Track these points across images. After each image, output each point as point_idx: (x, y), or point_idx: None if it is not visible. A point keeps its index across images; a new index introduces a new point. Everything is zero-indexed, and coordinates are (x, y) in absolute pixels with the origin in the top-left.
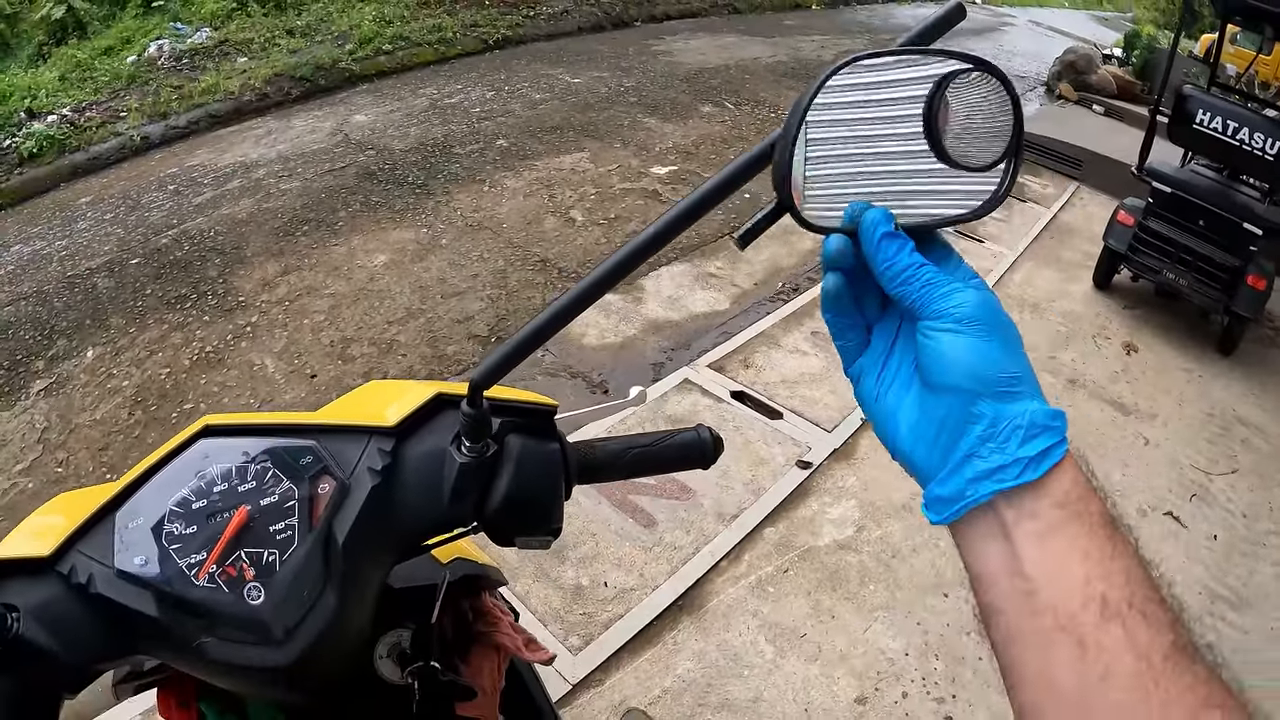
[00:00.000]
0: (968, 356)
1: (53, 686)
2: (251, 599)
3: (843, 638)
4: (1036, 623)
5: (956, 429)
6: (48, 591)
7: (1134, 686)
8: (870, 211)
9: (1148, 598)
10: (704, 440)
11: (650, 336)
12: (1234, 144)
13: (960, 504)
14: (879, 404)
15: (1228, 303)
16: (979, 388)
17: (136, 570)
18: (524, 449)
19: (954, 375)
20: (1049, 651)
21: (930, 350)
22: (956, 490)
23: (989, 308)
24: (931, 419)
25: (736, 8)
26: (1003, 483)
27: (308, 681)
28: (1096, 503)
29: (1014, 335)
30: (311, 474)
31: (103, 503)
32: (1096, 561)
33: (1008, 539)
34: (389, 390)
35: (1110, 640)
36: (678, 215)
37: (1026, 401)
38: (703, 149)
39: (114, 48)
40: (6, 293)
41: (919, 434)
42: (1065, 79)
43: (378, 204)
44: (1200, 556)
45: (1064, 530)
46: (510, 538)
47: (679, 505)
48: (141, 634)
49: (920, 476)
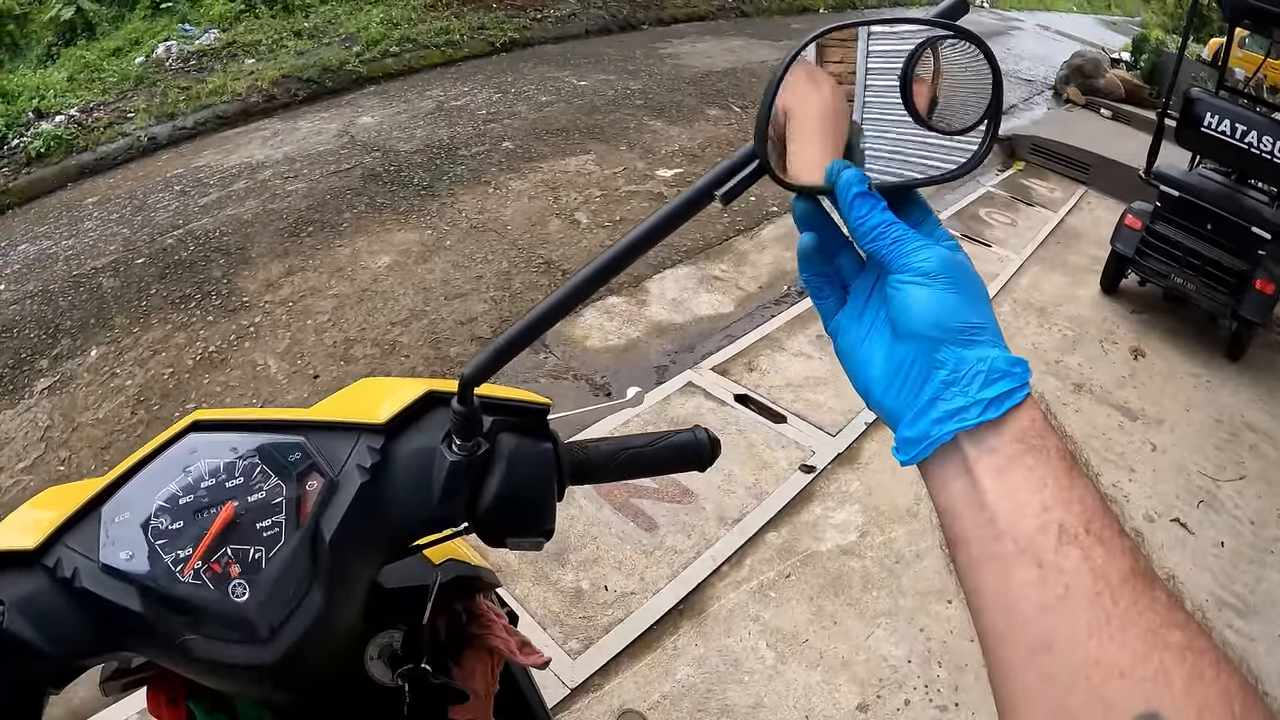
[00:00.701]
0: (931, 306)
1: (37, 680)
2: (236, 596)
3: (845, 644)
4: (996, 548)
5: (922, 374)
6: (33, 585)
7: (1092, 605)
8: (845, 172)
9: (1105, 525)
10: (700, 442)
11: (654, 339)
12: (1242, 147)
13: (925, 443)
14: (854, 355)
15: (1236, 307)
16: (942, 335)
17: (122, 565)
18: (516, 448)
19: (919, 323)
20: (1008, 574)
21: (897, 301)
22: (922, 431)
23: (954, 264)
24: (900, 367)
25: (743, 11)
26: (964, 422)
27: (294, 681)
28: (1054, 439)
29: (979, 290)
30: (300, 471)
31: (90, 496)
32: (1053, 492)
33: (970, 473)
34: (381, 388)
35: (1068, 563)
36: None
37: (988, 348)
38: (709, 152)
39: (122, 49)
40: (12, 292)
41: (889, 381)
42: (1073, 83)
43: (382, 205)
44: (1207, 564)
45: (1022, 462)
46: (501, 538)
47: (680, 509)
48: (126, 630)
49: (891, 421)
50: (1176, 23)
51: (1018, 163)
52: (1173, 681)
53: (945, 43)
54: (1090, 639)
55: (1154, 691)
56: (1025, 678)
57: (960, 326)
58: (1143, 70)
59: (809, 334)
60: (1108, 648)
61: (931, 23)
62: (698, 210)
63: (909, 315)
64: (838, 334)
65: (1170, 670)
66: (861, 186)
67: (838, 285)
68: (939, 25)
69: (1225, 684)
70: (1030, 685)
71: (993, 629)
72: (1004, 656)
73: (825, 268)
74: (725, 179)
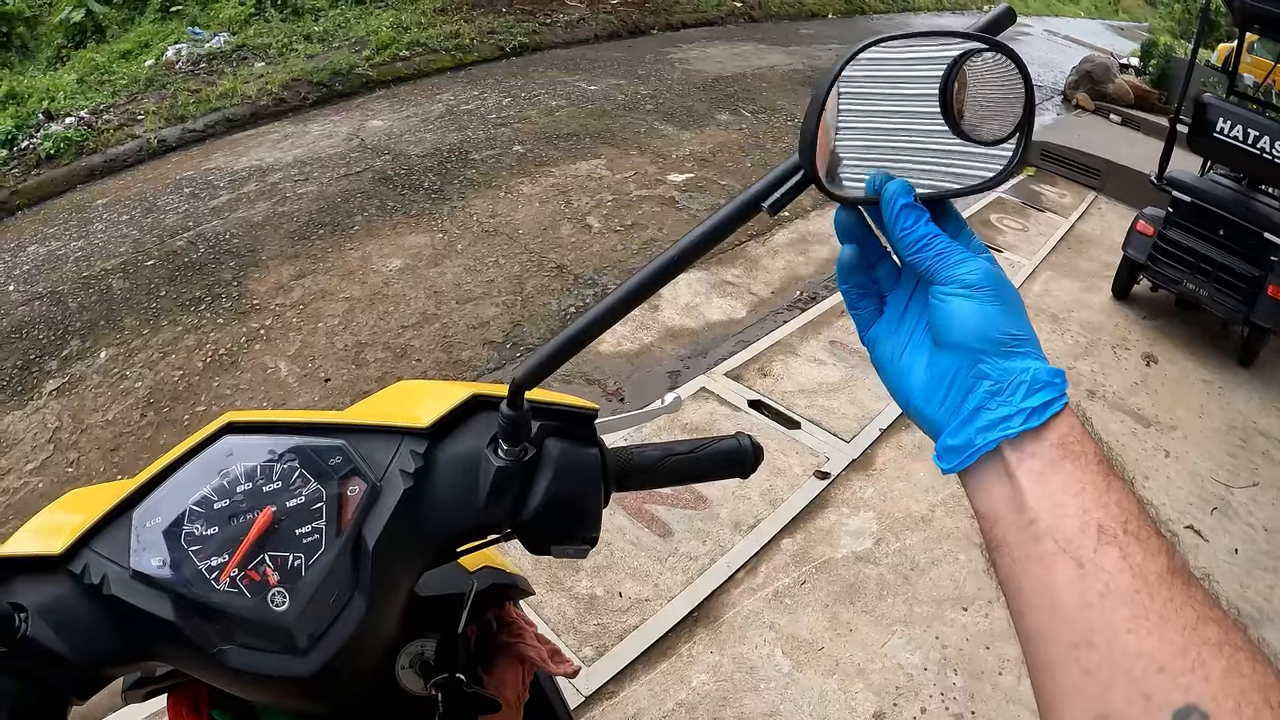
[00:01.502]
0: (975, 319)
1: (60, 690)
2: (275, 605)
3: (860, 651)
4: (1038, 549)
5: (965, 385)
6: (58, 591)
7: (1132, 602)
8: (891, 183)
9: (1141, 525)
10: (744, 449)
11: (667, 344)
12: (1254, 153)
13: (970, 451)
14: (893, 365)
15: (1248, 313)
16: (986, 346)
17: (153, 572)
18: (564, 453)
19: (963, 335)
20: (1050, 573)
21: (942, 312)
22: (966, 440)
23: (995, 277)
24: (942, 377)
25: (753, 16)
26: (1008, 430)
27: (329, 691)
28: (1092, 445)
29: (1018, 302)
30: (341, 475)
31: (119, 500)
32: (1092, 494)
33: (1011, 479)
34: (420, 390)
35: (1108, 561)
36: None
37: (1030, 360)
38: (720, 156)
39: (132, 51)
40: (22, 293)
41: (930, 391)
42: (1082, 88)
43: (393, 209)
44: (1221, 571)
45: (1061, 467)
46: (546, 545)
47: (695, 515)
48: (156, 639)
49: (932, 430)
50: (1185, 28)
51: (1028, 168)
52: (1211, 675)
53: (980, 55)
54: (1130, 634)
55: (1192, 685)
56: (1067, 673)
57: (1004, 338)
58: (1152, 76)
59: (822, 340)
60: (1146, 643)
61: (976, 37)
62: (747, 219)
63: (954, 326)
64: (874, 344)
65: (1208, 664)
66: (908, 198)
67: (875, 295)
68: (982, 40)
69: (1262, 677)
70: (1072, 681)
71: (1034, 627)
72: (1045, 653)
73: (864, 278)
74: (772, 189)
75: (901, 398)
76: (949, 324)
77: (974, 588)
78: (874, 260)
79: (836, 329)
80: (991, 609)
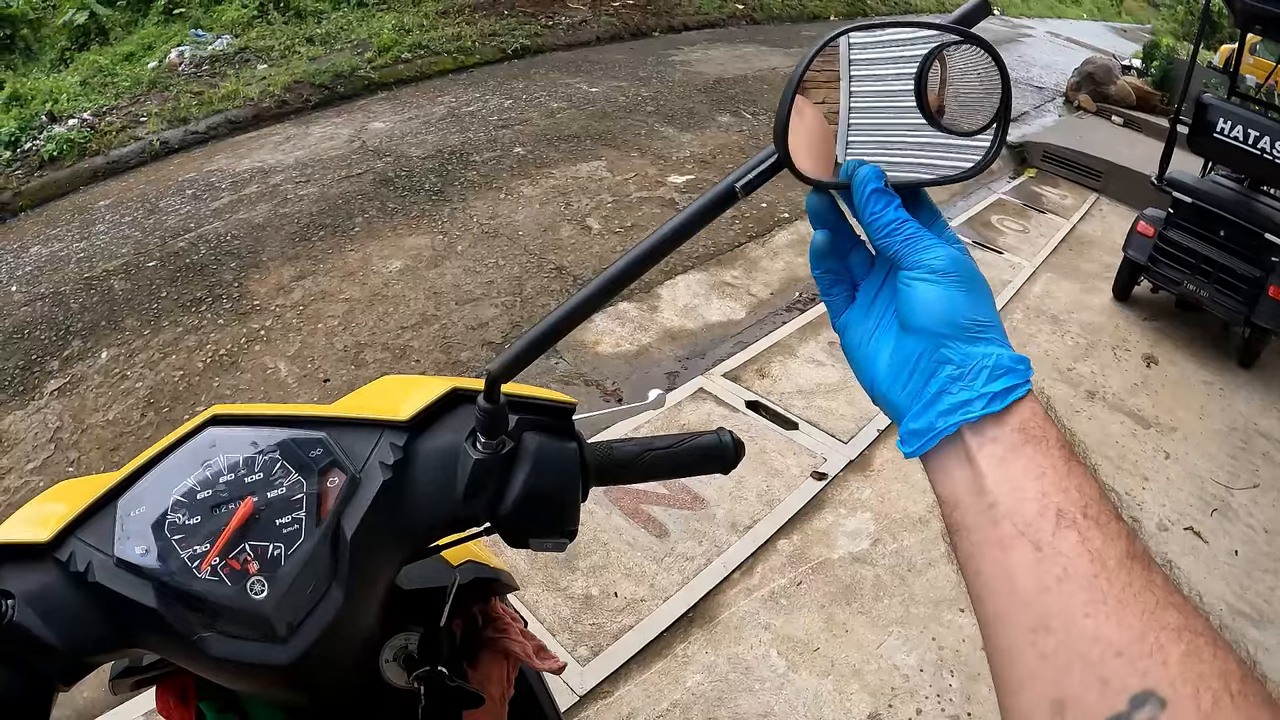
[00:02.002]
0: (940, 304)
1: (47, 676)
2: (255, 593)
3: (856, 652)
4: (997, 532)
5: (928, 369)
6: (45, 579)
7: (1090, 586)
8: (862, 168)
9: (1101, 510)
10: (725, 444)
11: (665, 345)
12: (1255, 153)
13: (930, 435)
14: (861, 350)
15: (1249, 314)
16: (949, 331)
17: (137, 560)
18: (541, 447)
19: (927, 319)
20: (1009, 556)
21: (907, 296)
22: (928, 424)
23: (963, 264)
24: (906, 361)
25: (755, 18)
26: (969, 414)
27: (310, 681)
28: (1054, 431)
29: (985, 289)
30: (321, 467)
31: (105, 490)
32: (1052, 479)
33: (971, 462)
34: (403, 385)
35: (1066, 545)
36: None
37: (994, 345)
38: (720, 158)
39: (135, 54)
40: (24, 293)
41: (894, 376)
42: (1084, 90)
43: (394, 210)
44: (1221, 572)
45: (1022, 451)
46: (524, 539)
47: (691, 515)
48: (140, 626)
49: (895, 415)
50: (1187, 30)
51: (1029, 169)
52: (1169, 660)
53: (957, 47)
54: (1087, 619)
55: (1150, 670)
56: (1024, 658)
57: (967, 324)
58: (1154, 77)
59: (820, 341)
60: (1104, 627)
61: (949, 28)
62: (724, 208)
63: (918, 311)
64: (845, 330)
65: (1166, 649)
66: (878, 183)
67: (847, 283)
68: (955, 31)
69: (1223, 664)
70: (1029, 665)
71: (992, 612)
72: (1003, 638)
73: (836, 265)
74: (746, 174)
75: (867, 382)
76: (914, 308)
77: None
78: (847, 248)
79: None
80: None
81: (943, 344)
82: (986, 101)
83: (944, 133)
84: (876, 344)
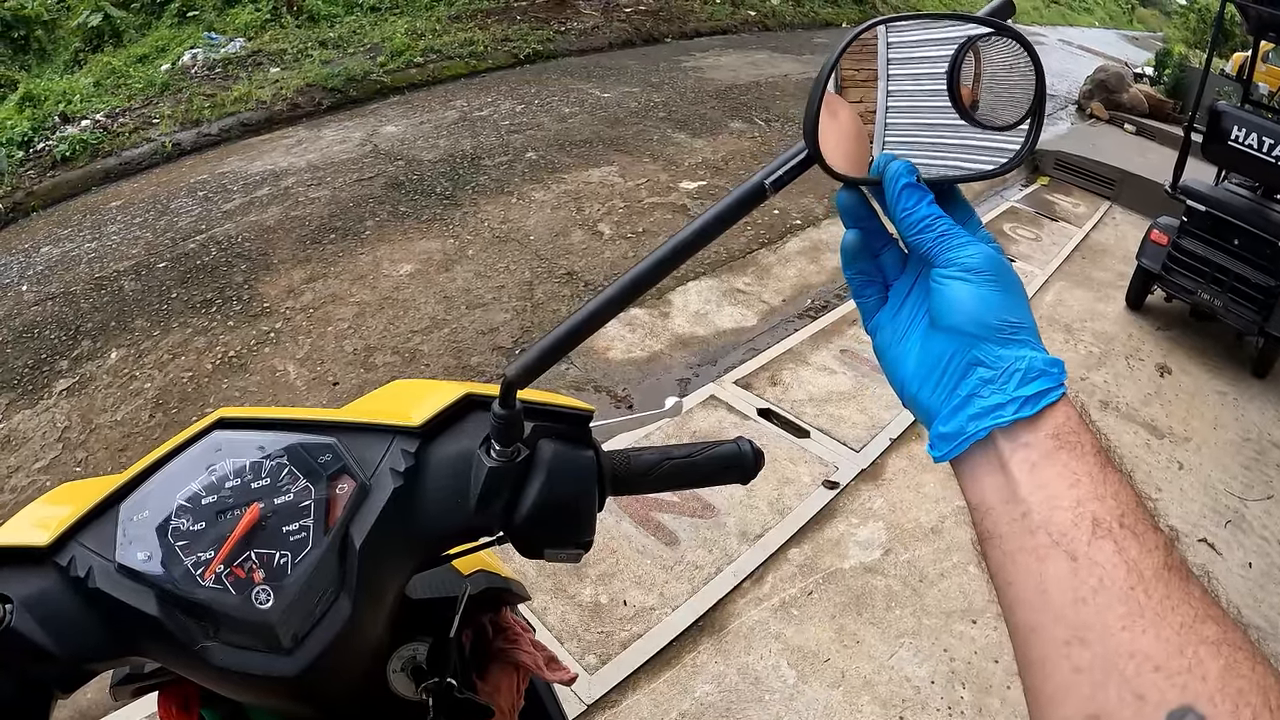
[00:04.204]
0: (973, 303)
1: (45, 684)
2: (260, 602)
3: (867, 664)
4: (1030, 541)
5: (960, 371)
6: (44, 583)
7: (1127, 599)
8: (894, 163)
9: (1139, 519)
10: (744, 453)
11: (676, 352)
12: (1270, 161)
13: (961, 439)
14: (891, 350)
15: (1263, 324)
16: (982, 332)
17: (139, 566)
18: (557, 455)
19: (960, 319)
20: (1043, 567)
21: (940, 295)
22: (958, 427)
23: (998, 262)
24: (937, 363)
25: (767, 25)
26: (1000, 419)
27: (316, 693)
28: (1089, 436)
29: (1019, 289)
30: (330, 473)
31: (107, 493)
32: (1087, 486)
33: (1004, 469)
34: (415, 389)
35: (1102, 556)
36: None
37: (1026, 348)
38: (732, 164)
39: (148, 56)
40: (35, 293)
41: (924, 377)
42: (1096, 98)
43: (405, 214)
44: (1235, 584)
45: (1056, 457)
46: (539, 549)
47: (701, 523)
48: (141, 634)
49: (925, 418)
50: (1199, 37)
51: (1042, 178)
52: (1208, 675)
53: (990, 40)
54: (1124, 632)
55: (1188, 685)
56: (1058, 672)
57: (1000, 324)
58: (1166, 85)
59: (833, 348)
60: (1141, 641)
61: (983, 20)
62: (754, 206)
63: (951, 310)
64: (876, 331)
65: (1205, 664)
66: (910, 178)
67: (880, 284)
68: (989, 23)
69: (1261, 678)
70: (1063, 679)
71: (1025, 623)
72: (1036, 650)
73: (869, 265)
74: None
75: (898, 384)
76: (947, 307)
77: (983, 600)
78: (879, 247)
79: (848, 338)
80: (1001, 622)
81: (974, 345)
82: (1020, 95)
83: (977, 127)
84: (906, 345)
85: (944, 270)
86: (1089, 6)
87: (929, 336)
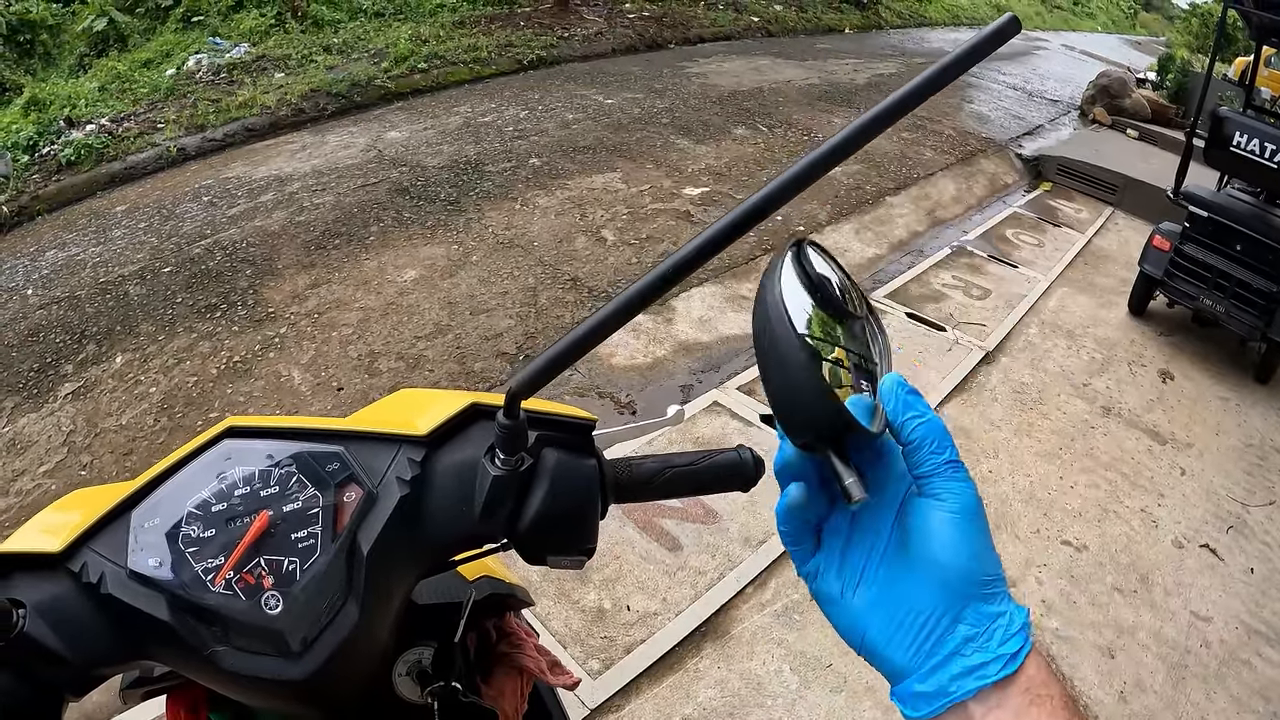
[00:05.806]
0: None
1: (56, 687)
2: (269, 608)
3: (869, 670)
4: None
5: (942, 628)
6: (56, 589)
7: None
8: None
9: None
10: (745, 462)
11: (680, 358)
12: (1272, 167)
13: (943, 700)
14: (842, 600)
15: (1266, 329)
16: (972, 590)
17: (150, 572)
18: (560, 464)
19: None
20: None
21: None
22: (939, 687)
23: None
24: (914, 619)
25: (769, 31)
26: (984, 679)
27: (323, 697)
28: (1058, 687)
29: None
30: (338, 481)
31: (119, 500)
32: None
33: None
34: (421, 399)
35: None
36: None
37: (1006, 603)
38: (735, 170)
39: (153, 61)
40: (40, 297)
41: (893, 632)
42: (1099, 103)
43: (409, 220)
44: (1237, 590)
45: (1028, 714)
46: (542, 556)
47: (705, 529)
48: (151, 638)
49: (892, 672)
50: (1202, 42)
51: (1044, 183)
52: None
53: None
54: None
55: None
56: None
57: (985, 579)
58: (1169, 90)
59: None
60: None
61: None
62: None
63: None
64: (815, 577)
65: None
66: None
67: (812, 527)
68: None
69: None
70: None
71: None
72: None
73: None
74: None
75: (854, 637)
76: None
77: None
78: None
79: None
80: None
81: (961, 603)
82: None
83: None
84: (864, 594)
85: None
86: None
87: (898, 586)
